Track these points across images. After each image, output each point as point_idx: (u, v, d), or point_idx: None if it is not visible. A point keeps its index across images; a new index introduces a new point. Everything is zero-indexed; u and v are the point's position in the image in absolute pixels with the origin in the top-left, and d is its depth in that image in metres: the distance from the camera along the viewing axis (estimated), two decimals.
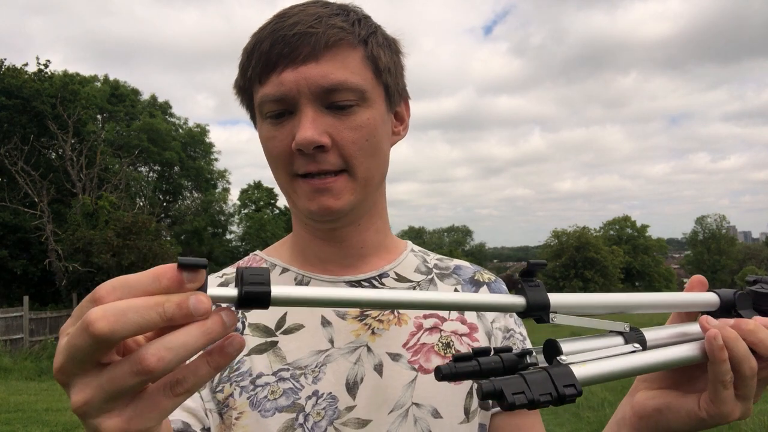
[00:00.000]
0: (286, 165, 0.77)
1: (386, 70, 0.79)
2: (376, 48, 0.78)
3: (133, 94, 34.57)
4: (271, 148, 0.78)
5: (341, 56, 0.74)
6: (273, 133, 0.77)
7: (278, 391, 0.75)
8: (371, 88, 0.77)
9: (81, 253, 17.11)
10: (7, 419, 7.44)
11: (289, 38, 0.73)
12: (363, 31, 0.77)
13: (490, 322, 0.89)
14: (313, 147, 0.73)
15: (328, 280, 0.84)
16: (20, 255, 19.89)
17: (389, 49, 0.81)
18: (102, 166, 21.15)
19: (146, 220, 18.33)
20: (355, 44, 0.76)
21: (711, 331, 0.61)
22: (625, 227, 57.00)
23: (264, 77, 0.75)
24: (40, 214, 18.55)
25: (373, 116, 0.77)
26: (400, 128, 0.87)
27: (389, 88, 0.80)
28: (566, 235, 51.16)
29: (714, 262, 62.29)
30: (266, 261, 0.88)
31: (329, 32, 0.74)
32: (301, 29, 0.73)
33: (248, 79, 0.78)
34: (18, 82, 19.75)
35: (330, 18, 0.75)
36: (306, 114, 0.73)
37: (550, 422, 6.69)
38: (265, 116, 0.78)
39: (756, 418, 5.82)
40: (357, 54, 0.76)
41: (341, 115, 0.75)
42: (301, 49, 0.73)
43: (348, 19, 0.77)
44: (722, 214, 64.88)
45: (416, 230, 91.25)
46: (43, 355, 13.77)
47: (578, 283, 47.97)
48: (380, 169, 0.81)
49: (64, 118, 19.82)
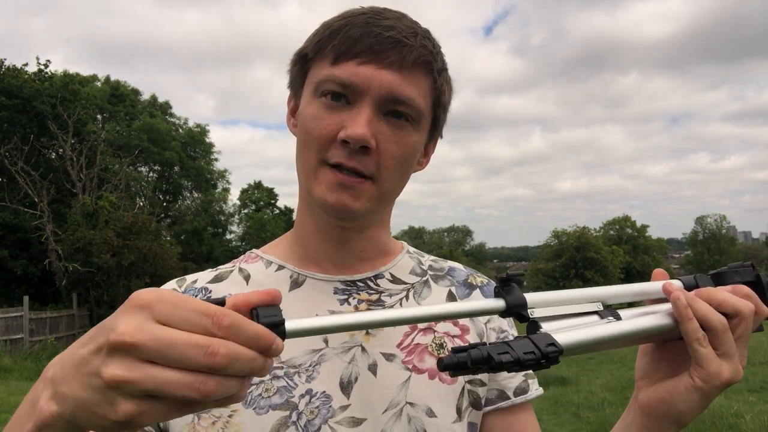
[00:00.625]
0: (320, 149, 0.76)
1: (442, 106, 0.83)
2: (443, 84, 0.81)
3: (133, 94, 34.57)
4: (314, 127, 0.77)
5: (419, 77, 0.77)
6: (322, 114, 0.76)
7: (272, 389, 0.76)
8: (426, 116, 0.80)
9: (81, 253, 17.12)
10: (7, 419, 7.43)
11: (383, 38, 0.74)
12: (440, 65, 0.80)
13: (483, 323, 0.90)
14: (360, 145, 0.73)
15: (323, 279, 0.85)
16: (20, 255, 19.89)
17: (449, 90, 0.84)
18: (102, 166, 21.16)
19: (146, 220, 18.34)
20: (432, 72, 0.78)
21: (674, 293, 0.67)
22: (625, 227, 57.03)
23: (341, 60, 0.75)
24: (40, 214, 18.56)
25: (417, 141, 0.80)
26: (424, 162, 0.90)
27: (438, 122, 0.84)
28: (566, 235, 51.16)
29: (714, 262, 62.23)
30: (262, 258, 0.89)
31: (420, 51, 0.76)
32: (396, 36, 0.75)
33: (321, 54, 0.77)
34: (18, 82, 19.76)
35: (423, 38, 0.77)
36: (365, 111, 0.74)
37: (549, 422, 6.69)
38: (321, 94, 0.77)
39: (756, 418, 5.82)
40: (430, 81, 0.79)
41: (393, 127, 0.77)
42: (390, 53, 0.74)
43: (435, 46, 0.80)
44: (722, 214, 64.91)
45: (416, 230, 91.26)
46: (43, 355, 13.76)
47: (578, 283, 47.91)
48: (400, 189, 0.84)
49: (64, 118, 19.83)
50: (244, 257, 0.91)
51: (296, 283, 0.85)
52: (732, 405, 6.47)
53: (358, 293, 0.85)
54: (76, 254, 17.20)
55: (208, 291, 0.84)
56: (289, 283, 0.84)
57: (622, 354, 11.67)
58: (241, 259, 0.91)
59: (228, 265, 0.90)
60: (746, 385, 7.82)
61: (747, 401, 6.78)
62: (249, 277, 0.85)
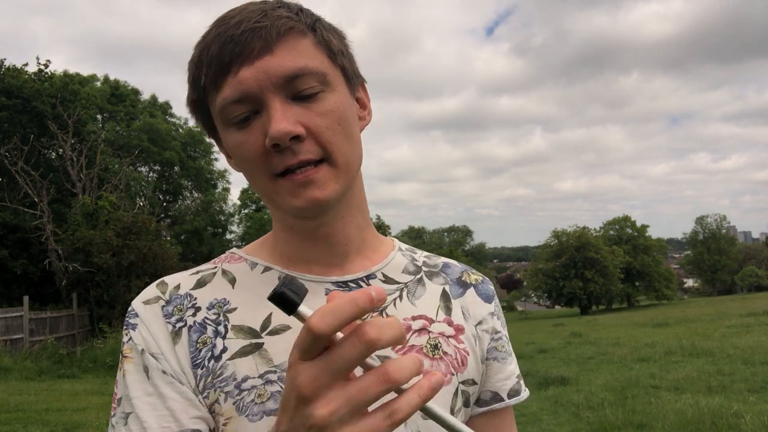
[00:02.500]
0: (264, 166, 0.74)
1: (339, 52, 0.78)
2: (325, 33, 0.76)
3: (134, 94, 34.58)
4: (244, 152, 0.74)
5: (294, 44, 0.73)
6: (242, 137, 0.74)
7: (265, 394, 0.73)
8: (330, 72, 0.75)
9: (81, 253, 17.11)
10: (7, 419, 7.44)
11: (238, 36, 0.71)
12: (308, 19, 0.76)
13: (475, 325, 0.89)
14: (289, 138, 0.70)
15: (314, 280, 0.82)
16: (20, 255, 19.88)
17: (337, 34, 0.79)
18: (102, 166, 21.15)
19: (146, 220, 18.34)
20: (305, 31, 0.74)
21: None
22: (625, 227, 57.00)
23: (220, 81, 0.72)
24: (40, 214, 18.55)
25: (340, 100, 0.76)
26: (365, 113, 0.85)
27: (346, 70, 0.79)
28: (566, 235, 51.14)
29: (714, 262, 62.23)
30: (246, 259, 0.85)
31: (277, 23, 0.72)
32: (248, 26, 0.71)
33: (202, 89, 0.75)
34: (18, 82, 19.76)
35: (274, 11, 0.74)
36: (274, 107, 0.71)
37: (549, 422, 6.68)
38: (230, 123, 0.74)
39: (756, 418, 5.81)
40: (308, 40, 0.74)
41: (309, 104, 0.73)
42: (253, 44, 0.71)
43: (291, 10, 0.75)
44: (722, 214, 64.98)
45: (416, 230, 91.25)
46: (43, 355, 13.76)
47: (578, 283, 47.96)
48: (357, 154, 0.79)
49: (64, 118, 19.82)
50: (225, 257, 0.88)
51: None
52: (732, 405, 6.47)
53: None
54: (76, 254, 17.19)
55: (193, 298, 0.79)
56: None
57: (622, 354, 11.67)
58: (222, 260, 0.87)
59: (209, 266, 0.86)
60: (746, 385, 7.81)
61: (747, 401, 6.77)
62: (234, 280, 0.82)
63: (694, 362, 9.99)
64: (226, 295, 0.80)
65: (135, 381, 0.73)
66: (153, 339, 0.75)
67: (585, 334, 16.45)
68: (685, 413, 6.30)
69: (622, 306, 53.96)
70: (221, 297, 0.80)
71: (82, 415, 7.71)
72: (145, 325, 0.76)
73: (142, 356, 0.74)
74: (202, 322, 0.77)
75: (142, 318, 0.77)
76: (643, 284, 53.83)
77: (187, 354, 0.75)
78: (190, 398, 0.73)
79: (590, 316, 38.37)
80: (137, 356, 0.74)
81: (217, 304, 0.79)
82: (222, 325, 0.77)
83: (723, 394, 7.38)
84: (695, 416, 6.14)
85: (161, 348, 0.74)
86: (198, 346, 0.75)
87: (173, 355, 0.74)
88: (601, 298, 49.58)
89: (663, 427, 6.03)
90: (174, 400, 0.72)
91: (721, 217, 64.59)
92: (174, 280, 0.82)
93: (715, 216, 64.62)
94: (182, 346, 0.75)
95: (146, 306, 0.78)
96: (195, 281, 0.82)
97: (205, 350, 0.75)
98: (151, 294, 0.80)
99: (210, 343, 0.75)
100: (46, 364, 13.14)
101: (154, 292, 0.80)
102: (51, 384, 11.23)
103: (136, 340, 0.75)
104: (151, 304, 0.78)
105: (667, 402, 7.07)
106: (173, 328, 0.76)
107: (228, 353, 0.75)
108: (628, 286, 52.89)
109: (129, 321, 0.78)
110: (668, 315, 23.41)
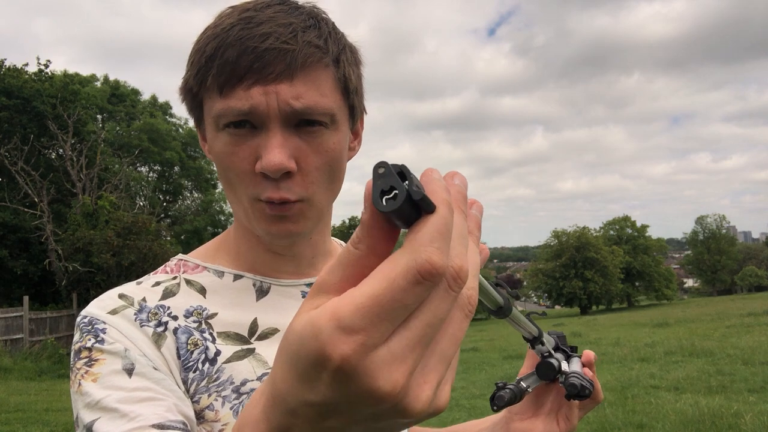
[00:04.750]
0: (248, 187, 0.72)
1: (354, 90, 0.76)
2: (347, 68, 0.75)
3: (134, 94, 34.58)
4: (230, 165, 0.72)
5: (315, 77, 0.70)
6: (232, 148, 0.72)
7: None
8: (339, 111, 0.74)
9: (81, 253, 17.10)
10: (7, 419, 7.44)
11: (261, 52, 0.67)
12: (335, 48, 0.73)
13: None
14: (281, 173, 0.69)
15: (288, 284, 0.82)
16: (20, 255, 19.87)
17: (356, 66, 0.78)
18: (102, 166, 21.15)
19: (146, 220, 18.33)
20: (329, 64, 0.72)
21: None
22: (625, 227, 56.93)
23: (227, 89, 0.69)
24: (40, 214, 18.54)
25: (339, 140, 0.75)
26: (355, 143, 0.84)
27: (354, 108, 0.78)
28: (566, 235, 51.10)
29: (714, 262, 62.19)
30: (208, 268, 0.81)
31: (306, 51, 0.69)
32: (275, 44, 0.68)
33: (204, 85, 0.71)
34: (18, 82, 19.75)
35: (305, 33, 0.70)
36: (275, 136, 0.69)
37: None
38: (222, 127, 0.71)
39: (756, 418, 5.81)
40: (329, 75, 0.72)
41: (308, 137, 0.72)
42: (274, 66, 0.68)
43: (321, 35, 0.72)
44: (722, 214, 64.85)
45: None
46: (43, 355, 13.76)
47: (578, 283, 47.93)
48: (335, 193, 0.79)
49: (64, 118, 19.82)
50: (176, 266, 0.82)
51: (262, 291, 0.81)
52: (732, 405, 6.47)
53: None
54: (76, 254, 17.18)
55: (166, 308, 0.75)
56: (255, 293, 0.80)
57: (622, 354, 11.66)
58: (176, 269, 0.81)
59: (164, 277, 0.80)
60: (746, 385, 7.81)
61: (747, 401, 6.77)
62: (204, 290, 0.79)
63: (694, 362, 9.99)
64: (200, 303, 0.77)
65: (113, 382, 0.65)
66: (131, 342, 0.69)
67: (585, 334, 16.44)
68: (685, 413, 6.30)
69: (622, 306, 53.91)
70: (196, 304, 0.76)
71: None
72: (117, 329, 0.70)
73: (125, 355, 0.67)
74: (186, 327, 0.73)
75: (111, 324, 0.70)
76: (643, 284, 53.78)
77: (174, 357, 0.71)
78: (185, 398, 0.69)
79: (590, 316, 38.33)
80: (113, 358, 0.67)
81: (194, 311, 0.75)
82: (207, 332, 0.74)
83: (723, 394, 7.38)
84: (695, 416, 6.14)
85: (143, 351, 0.69)
86: (189, 347, 0.72)
87: (159, 357, 0.69)
88: (601, 298, 49.53)
89: (663, 427, 6.03)
90: (175, 391, 0.68)
91: (721, 217, 64.53)
92: (135, 293, 0.76)
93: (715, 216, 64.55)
94: (168, 349, 0.71)
95: (113, 315, 0.71)
96: (161, 293, 0.77)
97: (197, 352, 0.72)
98: (115, 304, 0.73)
99: (202, 345, 0.72)
100: (46, 364, 13.14)
101: (117, 303, 0.74)
102: (51, 384, 11.23)
103: (109, 342, 0.68)
104: (119, 312, 0.72)
105: (667, 402, 7.07)
106: (153, 331, 0.71)
107: (223, 357, 0.73)
108: (628, 286, 52.86)
109: (93, 327, 0.70)
110: (668, 315, 23.39)
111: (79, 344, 0.69)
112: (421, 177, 0.33)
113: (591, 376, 0.83)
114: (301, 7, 0.74)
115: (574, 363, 0.82)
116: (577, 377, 0.76)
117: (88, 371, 0.66)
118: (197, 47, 0.72)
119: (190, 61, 0.74)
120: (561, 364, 0.80)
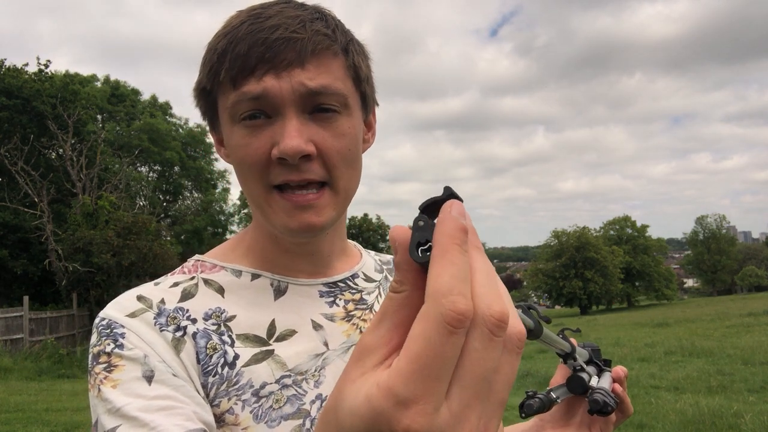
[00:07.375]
0: (262, 175, 0.72)
1: (365, 79, 0.78)
2: (356, 57, 0.76)
3: (134, 94, 34.58)
4: (245, 155, 0.72)
5: (326, 64, 0.71)
6: (248, 139, 0.72)
7: (282, 399, 0.73)
8: (352, 97, 0.75)
9: (81, 253, 17.10)
10: (7, 419, 7.44)
11: (271, 42, 0.68)
12: (343, 39, 0.74)
13: None
14: (299, 156, 0.69)
15: (306, 283, 0.82)
16: (20, 255, 19.88)
17: (365, 58, 0.79)
18: (102, 166, 21.15)
19: (146, 220, 18.33)
20: (338, 52, 0.73)
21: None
22: (625, 227, 56.98)
23: (240, 81, 0.70)
24: (40, 214, 18.54)
25: (354, 125, 0.75)
26: (369, 135, 0.85)
27: (366, 97, 0.79)
28: (566, 235, 51.12)
29: (714, 262, 62.19)
30: (225, 268, 0.81)
31: (315, 39, 0.70)
32: (284, 34, 0.69)
33: (218, 83, 0.72)
34: (18, 82, 19.75)
35: (312, 23, 0.71)
36: (291, 120, 0.70)
37: None
38: (238, 119, 0.72)
39: (756, 418, 5.82)
40: (339, 62, 0.73)
41: (325, 123, 0.72)
42: (285, 54, 0.69)
43: (329, 25, 0.73)
44: (722, 214, 64.91)
45: None
46: (43, 355, 13.76)
47: (578, 283, 47.95)
48: (357, 180, 0.79)
49: (64, 118, 19.82)
50: (194, 266, 0.82)
51: (279, 290, 0.81)
52: (732, 405, 6.47)
53: (342, 294, 0.84)
54: (76, 254, 17.18)
55: (185, 310, 0.75)
56: (273, 292, 0.80)
57: (622, 354, 11.67)
58: (193, 270, 0.81)
59: (182, 278, 0.80)
60: (746, 385, 7.81)
61: (747, 401, 6.78)
62: (222, 290, 0.78)
63: (694, 362, 10.00)
64: (219, 305, 0.77)
65: (133, 390, 0.65)
66: (150, 347, 0.69)
67: (585, 334, 16.46)
68: (685, 413, 6.30)
69: (622, 306, 53.94)
70: (215, 306, 0.76)
71: (82, 415, 7.70)
72: (136, 334, 0.70)
73: (145, 361, 0.67)
74: (205, 331, 0.74)
75: (130, 328, 0.70)
76: (643, 284, 53.81)
77: (194, 362, 0.71)
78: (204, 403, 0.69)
79: (590, 316, 38.35)
80: (132, 364, 0.67)
81: (213, 314, 0.75)
82: (226, 334, 0.75)
83: (723, 394, 7.38)
84: (695, 416, 6.14)
85: (162, 357, 0.69)
86: (208, 351, 0.72)
87: (178, 363, 0.70)
88: (601, 298, 49.57)
89: (663, 427, 6.03)
90: (194, 397, 0.68)
91: (721, 217, 64.57)
92: (154, 295, 0.76)
93: (715, 216, 64.60)
94: (188, 354, 0.71)
95: (132, 318, 0.71)
96: (179, 294, 0.77)
97: (216, 356, 0.72)
98: (134, 306, 0.73)
99: (220, 349, 0.73)
100: (46, 364, 13.14)
101: (135, 305, 0.73)
102: (51, 384, 11.24)
103: (129, 348, 0.68)
104: (138, 316, 0.72)
105: (667, 402, 7.07)
106: (173, 336, 0.71)
107: (241, 360, 0.73)
108: (628, 286, 52.88)
109: (112, 332, 0.70)
110: (668, 315, 23.41)
111: (98, 348, 0.69)
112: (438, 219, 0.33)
113: (621, 392, 0.85)
114: (306, 4, 0.76)
115: (604, 378, 0.83)
116: (602, 393, 0.77)
117: (107, 377, 0.66)
118: (209, 47, 0.74)
119: (202, 62, 0.75)
120: (591, 378, 0.81)
